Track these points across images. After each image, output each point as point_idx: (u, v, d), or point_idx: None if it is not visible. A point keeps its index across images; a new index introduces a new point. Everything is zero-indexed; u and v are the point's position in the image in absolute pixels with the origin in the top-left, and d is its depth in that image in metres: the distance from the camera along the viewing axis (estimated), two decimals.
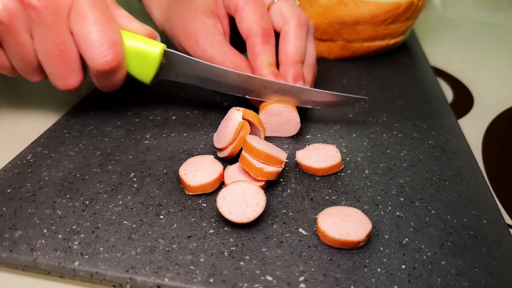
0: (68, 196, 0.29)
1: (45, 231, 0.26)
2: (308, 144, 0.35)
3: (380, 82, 0.48)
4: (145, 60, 0.34)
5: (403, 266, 0.24)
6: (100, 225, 0.26)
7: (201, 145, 0.35)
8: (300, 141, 0.36)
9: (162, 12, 0.43)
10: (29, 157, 0.33)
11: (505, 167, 0.36)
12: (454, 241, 0.26)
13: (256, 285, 0.23)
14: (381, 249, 0.25)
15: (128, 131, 0.37)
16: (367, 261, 0.24)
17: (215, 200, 0.28)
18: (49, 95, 0.44)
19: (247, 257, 0.24)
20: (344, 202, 0.29)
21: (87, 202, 0.28)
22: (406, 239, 0.26)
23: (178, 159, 0.33)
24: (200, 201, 0.29)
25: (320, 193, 0.30)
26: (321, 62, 0.52)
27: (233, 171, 0.30)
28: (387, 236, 0.26)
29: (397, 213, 0.28)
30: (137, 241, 0.25)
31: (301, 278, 0.23)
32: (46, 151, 0.34)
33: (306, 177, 0.31)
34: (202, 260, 0.24)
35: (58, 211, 0.27)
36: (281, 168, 0.29)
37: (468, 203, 0.29)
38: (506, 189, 0.33)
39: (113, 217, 0.27)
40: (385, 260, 0.25)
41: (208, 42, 0.37)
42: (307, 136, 0.37)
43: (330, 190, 0.30)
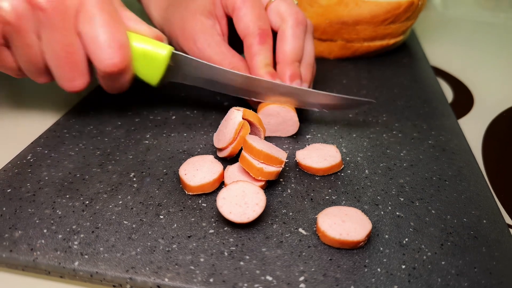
0: (68, 196, 0.29)
1: (45, 231, 0.26)
2: (308, 144, 0.35)
3: (380, 82, 0.48)
4: (152, 62, 0.34)
5: (403, 266, 0.24)
6: (100, 225, 0.26)
7: (201, 145, 0.35)
8: (300, 141, 0.36)
9: (161, 13, 0.43)
10: (29, 157, 0.33)
11: (505, 167, 0.36)
12: (454, 241, 0.26)
13: (256, 285, 0.23)
14: (381, 249, 0.25)
15: (128, 131, 0.37)
16: (367, 261, 0.24)
17: (215, 200, 0.28)
18: (49, 95, 0.44)
19: (247, 257, 0.24)
20: (344, 202, 0.29)
21: (87, 202, 0.28)
22: (406, 239, 0.26)
23: (178, 159, 0.33)
24: (200, 201, 0.29)
25: (320, 193, 0.30)
26: (321, 62, 0.53)
27: (233, 171, 0.30)
28: (387, 236, 0.26)
29: (397, 213, 0.28)
30: (137, 241, 0.25)
31: (301, 278, 0.23)
32: (46, 151, 0.34)
33: (306, 177, 0.31)
34: (202, 260, 0.24)
35: (58, 211, 0.27)
36: (281, 168, 0.29)
37: (468, 203, 0.29)
38: (506, 189, 0.33)
39: (113, 217, 0.27)
40: (385, 260, 0.25)
41: (206, 43, 0.37)
42: (307, 136, 0.37)
43: (330, 190, 0.30)
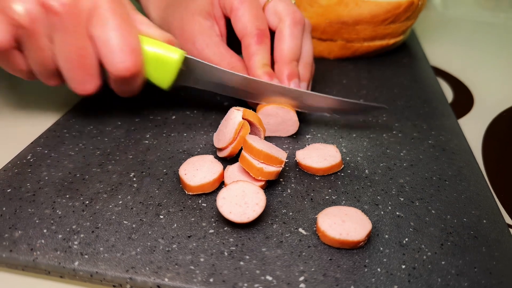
0: (68, 196, 0.29)
1: (45, 231, 0.26)
2: (308, 144, 0.35)
3: (380, 82, 0.48)
4: (164, 66, 0.34)
5: (403, 266, 0.24)
6: (100, 225, 0.26)
7: (201, 145, 0.35)
8: (300, 141, 0.36)
9: (160, 13, 0.43)
10: (29, 157, 0.33)
11: (505, 167, 0.36)
12: (454, 241, 0.26)
13: (256, 285, 0.23)
14: (381, 249, 0.25)
15: (128, 131, 0.37)
16: (367, 261, 0.24)
17: (215, 200, 0.28)
18: (49, 95, 0.44)
19: (247, 257, 0.24)
20: (344, 202, 0.29)
21: (87, 202, 0.28)
22: (406, 239, 0.26)
23: (178, 159, 0.33)
24: (200, 201, 0.29)
25: (320, 193, 0.30)
26: (321, 62, 0.53)
27: (233, 171, 0.30)
28: (387, 236, 0.26)
29: (397, 213, 0.28)
30: (137, 241, 0.25)
31: (301, 278, 0.23)
32: (46, 151, 0.34)
33: (306, 177, 0.31)
34: (202, 260, 0.24)
35: (58, 211, 0.27)
36: (281, 168, 0.29)
37: (468, 203, 0.29)
38: (506, 189, 0.33)
39: (113, 217, 0.27)
40: (385, 260, 0.25)
41: (205, 44, 0.37)
42: (307, 136, 0.37)
43: (330, 190, 0.30)
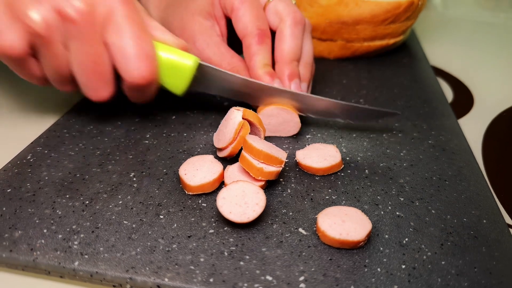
0: (68, 196, 0.29)
1: (45, 231, 0.26)
2: (308, 144, 0.35)
3: (380, 82, 0.48)
4: (178, 72, 0.34)
5: (403, 266, 0.24)
6: (100, 225, 0.26)
7: (201, 145, 0.35)
8: (300, 141, 0.36)
9: (159, 13, 0.43)
10: (29, 157, 0.33)
11: (505, 167, 0.36)
12: (454, 241, 0.26)
13: (256, 285, 0.23)
14: (381, 249, 0.25)
15: (128, 131, 0.37)
16: (367, 261, 0.24)
17: (215, 200, 0.28)
18: (49, 95, 0.44)
19: (247, 257, 0.24)
20: (344, 202, 0.29)
21: (87, 202, 0.28)
22: (406, 239, 0.26)
23: (178, 159, 0.33)
24: (200, 201, 0.29)
25: (320, 193, 0.30)
26: (321, 62, 0.53)
27: (233, 171, 0.30)
28: (387, 236, 0.26)
29: (397, 213, 0.28)
30: (137, 241, 0.25)
31: (301, 278, 0.23)
32: (46, 151, 0.33)
33: (306, 177, 0.31)
34: (202, 260, 0.24)
35: (58, 211, 0.27)
36: (281, 168, 0.29)
37: (468, 203, 0.29)
38: (506, 189, 0.33)
39: (113, 217, 0.27)
40: (385, 260, 0.25)
41: (205, 43, 0.37)
42: (307, 136, 0.37)
43: (330, 190, 0.30)
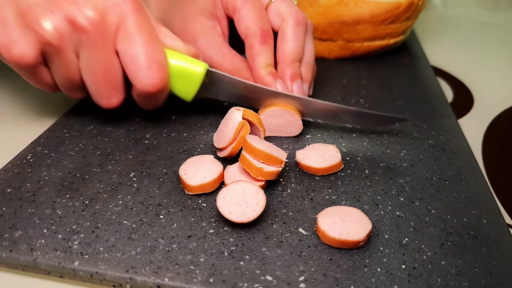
0: (68, 196, 0.29)
1: (45, 231, 0.26)
2: (308, 144, 0.35)
3: (380, 82, 0.48)
4: (188, 79, 0.34)
5: (403, 266, 0.24)
6: (100, 225, 0.26)
7: (201, 145, 0.35)
8: (300, 141, 0.36)
9: (159, 13, 0.43)
10: (29, 157, 0.33)
11: (505, 167, 0.36)
12: (454, 241, 0.26)
13: (256, 285, 0.23)
14: (381, 249, 0.25)
15: (128, 131, 0.37)
16: (367, 261, 0.24)
17: (215, 200, 0.28)
18: (49, 95, 0.44)
19: (247, 257, 0.24)
20: (344, 202, 0.29)
21: (87, 202, 0.28)
22: (406, 239, 0.26)
23: (178, 159, 0.33)
24: (200, 201, 0.29)
25: (320, 193, 0.30)
26: (321, 62, 0.52)
27: (233, 171, 0.30)
28: (387, 236, 0.26)
29: (397, 213, 0.28)
30: (137, 241, 0.25)
31: (301, 278, 0.23)
32: (46, 151, 0.33)
33: (306, 177, 0.31)
34: (202, 260, 0.24)
35: (58, 211, 0.27)
36: (281, 168, 0.29)
37: (468, 203, 0.29)
38: (506, 189, 0.33)
39: (113, 217, 0.27)
40: (385, 260, 0.25)
41: (207, 43, 0.37)
42: (307, 136, 0.37)
43: (330, 190, 0.30)
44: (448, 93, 0.49)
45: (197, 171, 0.29)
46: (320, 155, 0.32)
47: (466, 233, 0.27)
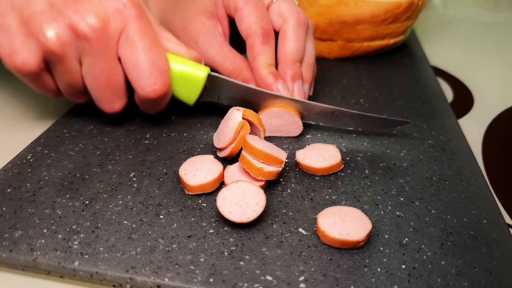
0: (68, 196, 0.29)
1: (45, 231, 0.26)
2: (308, 144, 0.35)
3: (380, 82, 0.48)
4: (190, 83, 0.34)
5: (403, 266, 0.24)
6: (100, 225, 0.26)
7: (201, 145, 0.35)
8: (300, 141, 0.36)
9: (159, 13, 0.43)
10: (29, 157, 0.33)
11: (505, 167, 0.36)
12: (454, 241, 0.26)
13: (256, 285, 0.23)
14: (381, 249, 0.25)
15: (128, 131, 0.37)
16: (367, 261, 0.24)
17: (215, 200, 0.28)
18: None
19: (247, 257, 0.24)
20: (344, 202, 0.29)
21: (87, 202, 0.28)
22: (406, 239, 0.26)
23: (178, 159, 0.33)
24: (200, 201, 0.29)
25: (320, 193, 0.30)
26: (321, 62, 0.52)
27: (233, 171, 0.30)
28: (387, 236, 0.26)
29: (397, 213, 0.28)
30: (137, 241, 0.25)
31: (301, 278, 0.23)
32: (46, 151, 0.33)
33: (306, 177, 0.31)
34: (202, 260, 0.24)
35: (58, 211, 0.27)
36: (281, 168, 0.29)
37: (468, 203, 0.29)
38: (506, 189, 0.33)
39: (113, 217, 0.27)
40: (385, 260, 0.25)
41: (208, 43, 0.37)
42: (307, 136, 0.37)
43: (330, 190, 0.30)
44: (448, 93, 0.49)
45: (197, 171, 0.29)
46: (320, 155, 0.32)
47: (466, 233, 0.27)
